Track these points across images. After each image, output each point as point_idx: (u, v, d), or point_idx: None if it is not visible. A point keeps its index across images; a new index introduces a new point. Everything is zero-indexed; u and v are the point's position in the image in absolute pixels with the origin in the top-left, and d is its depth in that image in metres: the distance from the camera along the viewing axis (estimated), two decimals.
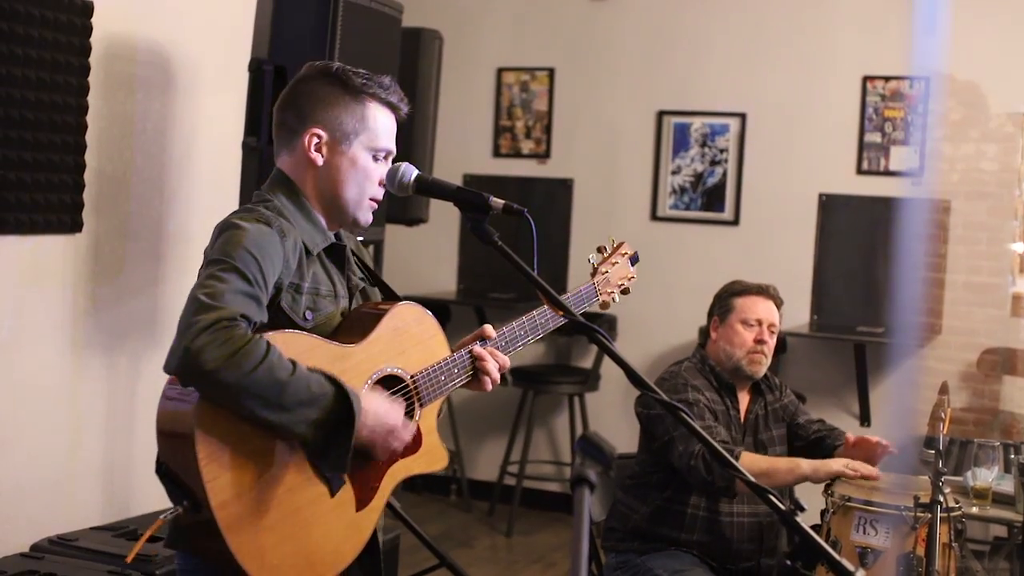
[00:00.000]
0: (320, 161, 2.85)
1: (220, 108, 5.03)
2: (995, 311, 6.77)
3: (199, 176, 5.07)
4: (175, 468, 2.60)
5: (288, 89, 2.94)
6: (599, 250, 3.47)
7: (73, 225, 4.49)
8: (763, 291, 4.36)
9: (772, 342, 4.33)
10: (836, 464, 4.07)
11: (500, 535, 7.16)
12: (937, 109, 6.87)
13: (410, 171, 2.84)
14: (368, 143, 2.87)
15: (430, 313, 2.99)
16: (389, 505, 3.15)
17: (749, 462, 4.02)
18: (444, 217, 6.90)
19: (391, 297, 3.09)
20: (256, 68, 4.41)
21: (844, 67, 7.03)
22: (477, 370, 2.99)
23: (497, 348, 3.03)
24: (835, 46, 7.05)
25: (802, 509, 4.27)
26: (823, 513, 4.01)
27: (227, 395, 2.49)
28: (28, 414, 4.40)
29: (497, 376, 3.00)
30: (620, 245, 3.50)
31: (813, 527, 3.76)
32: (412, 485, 7.43)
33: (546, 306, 3.12)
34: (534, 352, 7.70)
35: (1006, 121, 6.74)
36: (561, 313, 2.79)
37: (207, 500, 2.50)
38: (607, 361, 7.19)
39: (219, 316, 2.48)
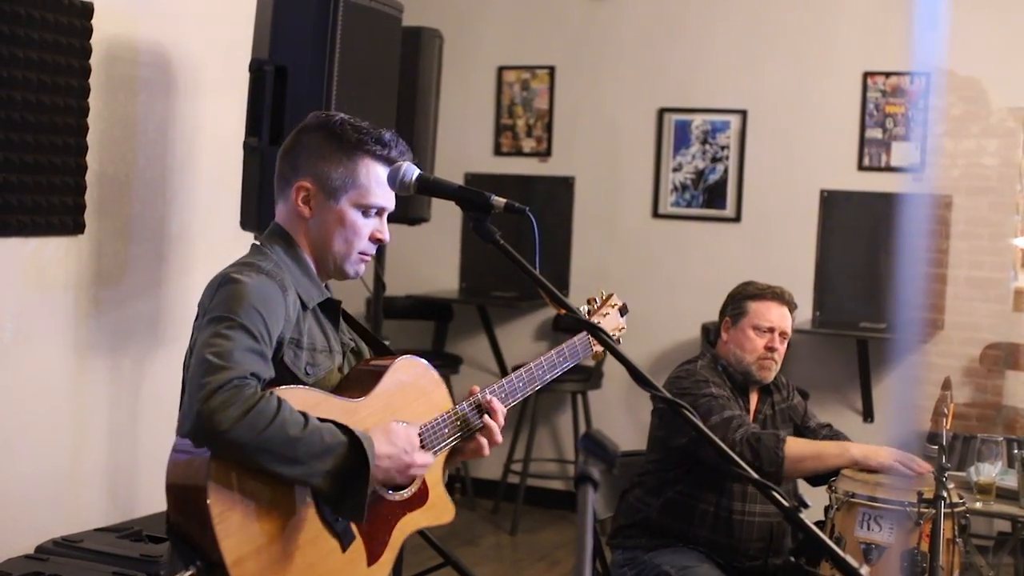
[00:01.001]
0: (307, 214, 2.86)
1: (221, 109, 5.03)
2: (997, 306, 6.77)
3: (201, 177, 5.07)
4: (186, 527, 2.59)
5: (289, 139, 2.94)
6: (589, 302, 3.47)
7: (75, 227, 4.50)
8: (778, 296, 4.30)
9: (783, 349, 4.30)
10: (887, 457, 4.05)
11: (504, 533, 7.16)
12: (938, 105, 6.87)
13: (411, 171, 2.82)
14: (357, 199, 2.85)
15: (431, 366, 2.99)
16: None
17: (797, 447, 4.02)
18: (446, 216, 6.90)
19: (383, 351, 3.08)
20: (257, 68, 4.41)
21: (845, 63, 7.03)
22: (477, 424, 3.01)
23: (498, 397, 3.08)
24: (835, 42, 7.05)
25: (805, 506, 4.27)
26: (827, 509, 4.01)
27: (242, 453, 2.50)
28: (32, 416, 4.41)
29: (501, 422, 3.06)
30: (609, 297, 3.50)
31: (817, 523, 3.76)
32: None
33: (543, 359, 3.22)
34: (536, 350, 7.69)
35: (1007, 116, 6.74)
36: (563, 311, 2.77)
37: (222, 558, 2.49)
38: (610, 359, 7.17)
39: (229, 376, 2.49)
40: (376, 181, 2.86)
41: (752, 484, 2.48)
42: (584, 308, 3.42)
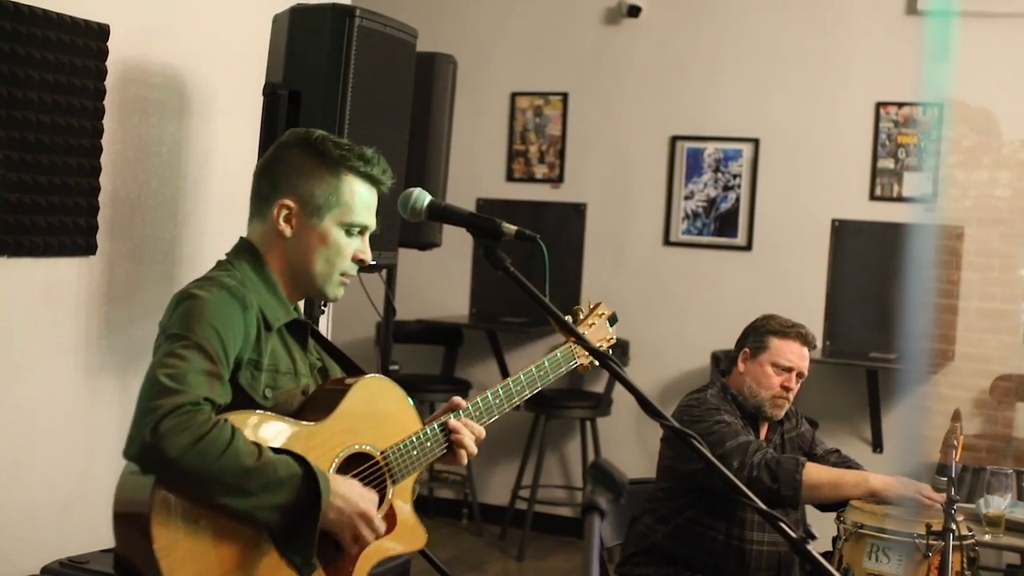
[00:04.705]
0: (288, 233, 2.78)
1: (234, 132, 5.05)
2: (1008, 337, 6.76)
3: (213, 199, 5.08)
4: (133, 559, 2.49)
5: (266, 156, 2.88)
6: (575, 312, 3.33)
7: (87, 248, 4.51)
8: (801, 336, 4.27)
9: (797, 388, 4.29)
10: (908, 490, 4.03)
11: (511, 559, 7.14)
12: (950, 135, 6.87)
13: (423, 197, 2.81)
14: (341, 217, 2.78)
15: (398, 385, 2.87)
16: None
17: (816, 473, 3.99)
18: (457, 241, 6.91)
19: (353, 370, 2.98)
20: (270, 92, 4.42)
21: (857, 93, 7.03)
22: (452, 443, 2.87)
23: (472, 418, 2.92)
24: (848, 72, 7.06)
25: (813, 537, 4.25)
26: (835, 540, 4.00)
27: (190, 483, 2.40)
28: (40, 436, 4.41)
29: (474, 448, 2.89)
30: (597, 306, 3.39)
31: (825, 554, 3.75)
32: (424, 509, 7.43)
33: (521, 374, 3.04)
34: None
35: (1019, 148, 6.73)
36: (573, 340, 2.77)
37: None
38: (619, 386, 7.18)
39: (181, 401, 2.39)
40: (359, 199, 2.80)
41: (759, 514, 2.47)
42: (570, 319, 3.34)
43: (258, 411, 2.58)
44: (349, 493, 2.59)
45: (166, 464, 2.37)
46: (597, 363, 3.12)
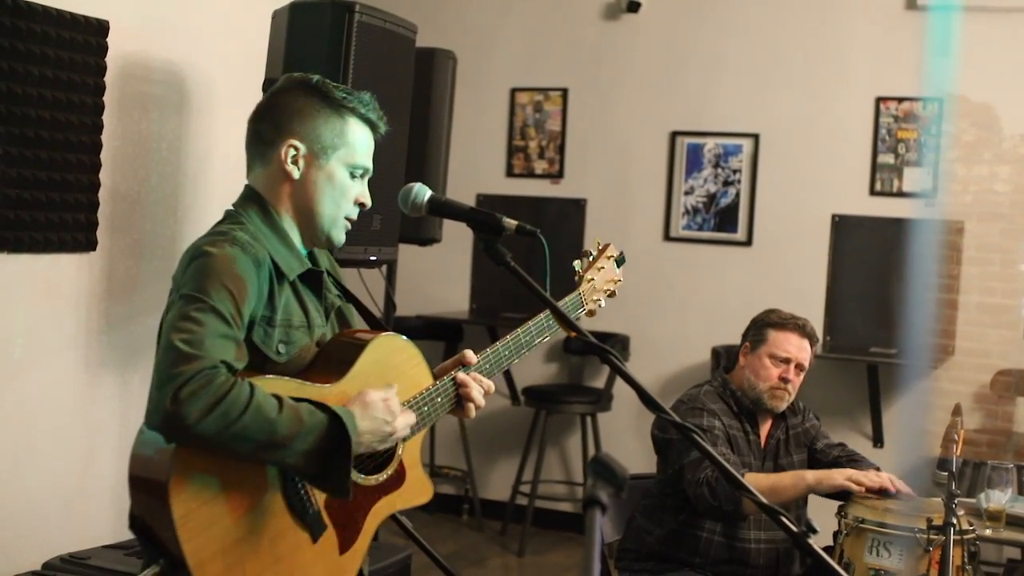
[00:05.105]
0: (296, 175, 2.76)
1: (234, 128, 5.01)
2: (1008, 332, 6.75)
3: (213, 195, 5.08)
4: (150, 523, 2.52)
5: (264, 100, 2.87)
6: (583, 255, 3.35)
7: (87, 244, 4.51)
8: (799, 328, 4.28)
9: (798, 381, 4.28)
10: (840, 477, 4.04)
11: (512, 555, 7.14)
12: (950, 130, 6.87)
13: (423, 192, 2.81)
14: (346, 158, 2.78)
15: (411, 342, 2.90)
16: (400, 524, 3.12)
17: (752, 481, 3.99)
18: (457, 236, 6.91)
19: (366, 315, 3.01)
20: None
21: (857, 88, 7.03)
22: (460, 396, 2.91)
23: (480, 372, 2.95)
24: (848, 67, 7.06)
25: (814, 531, 4.26)
26: (836, 535, 4.00)
27: (214, 445, 2.43)
28: (41, 432, 4.41)
29: (482, 402, 2.91)
30: (606, 247, 3.39)
31: (826, 549, 3.75)
32: (424, 505, 7.42)
33: (530, 323, 3.06)
34: (547, 372, 7.69)
35: (1019, 142, 6.73)
36: (574, 334, 2.76)
37: (185, 561, 2.43)
38: (620, 381, 7.18)
39: (200, 367, 2.40)
40: (361, 141, 2.81)
41: (761, 509, 2.47)
42: (578, 263, 3.33)
43: (270, 375, 2.59)
44: (372, 426, 2.61)
45: (187, 430, 2.39)
46: (602, 306, 3.27)
